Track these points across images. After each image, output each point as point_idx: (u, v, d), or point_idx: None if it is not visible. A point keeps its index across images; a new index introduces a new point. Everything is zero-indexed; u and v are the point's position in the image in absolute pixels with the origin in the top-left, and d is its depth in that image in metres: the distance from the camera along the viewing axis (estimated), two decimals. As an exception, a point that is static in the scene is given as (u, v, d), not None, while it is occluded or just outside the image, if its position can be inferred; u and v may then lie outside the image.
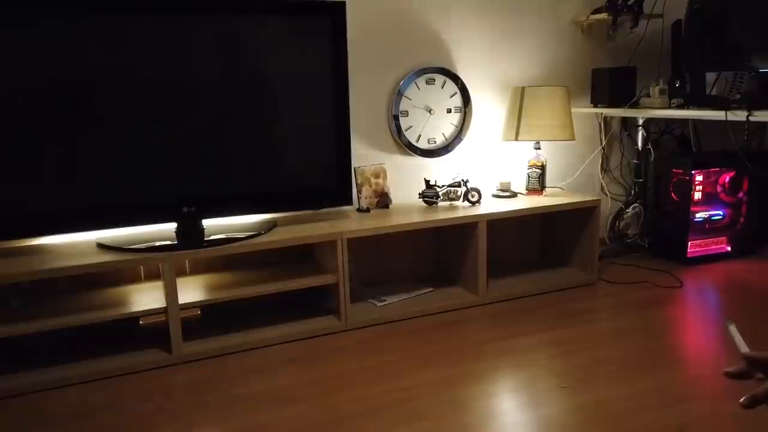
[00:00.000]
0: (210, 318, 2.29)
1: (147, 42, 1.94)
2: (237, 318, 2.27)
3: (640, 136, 3.03)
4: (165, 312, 1.97)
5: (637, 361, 1.91)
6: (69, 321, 1.87)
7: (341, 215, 2.41)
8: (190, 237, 2.07)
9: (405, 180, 2.66)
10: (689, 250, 2.86)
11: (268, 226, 2.24)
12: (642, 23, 2.80)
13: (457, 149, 2.71)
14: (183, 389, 1.83)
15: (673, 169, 2.85)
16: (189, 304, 2.02)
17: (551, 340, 2.10)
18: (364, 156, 2.57)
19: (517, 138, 2.59)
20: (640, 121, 3.00)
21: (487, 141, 2.79)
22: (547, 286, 2.59)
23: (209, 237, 2.08)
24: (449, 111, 2.66)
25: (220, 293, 2.08)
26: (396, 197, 2.62)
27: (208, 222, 2.19)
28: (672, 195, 2.88)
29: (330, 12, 2.16)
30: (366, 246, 2.57)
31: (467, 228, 2.43)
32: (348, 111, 2.25)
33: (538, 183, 2.66)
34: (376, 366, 1.95)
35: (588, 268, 2.67)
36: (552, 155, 2.92)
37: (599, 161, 3.06)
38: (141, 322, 2.25)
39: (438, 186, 2.52)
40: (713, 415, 1.59)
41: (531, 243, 2.93)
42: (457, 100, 2.67)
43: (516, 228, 2.87)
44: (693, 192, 2.80)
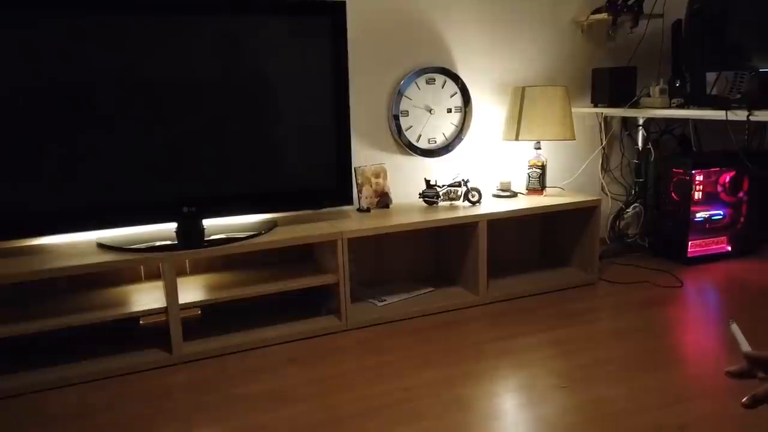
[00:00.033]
0: (210, 318, 2.29)
1: (147, 42, 1.94)
2: (237, 318, 2.27)
3: (640, 135, 3.03)
4: (165, 312, 1.97)
5: (637, 361, 1.91)
6: (69, 321, 1.87)
7: (341, 215, 2.41)
8: (190, 237, 2.07)
9: (405, 180, 2.66)
10: (689, 249, 2.86)
11: (268, 226, 2.24)
12: (642, 23, 2.80)
13: (458, 149, 2.71)
14: (183, 389, 1.83)
15: (674, 169, 2.85)
16: (189, 304, 2.02)
17: (551, 340, 2.10)
18: (364, 156, 2.57)
19: (518, 138, 2.59)
20: (640, 121, 3.00)
21: (488, 141, 2.79)
22: (548, 286, 2.59)
23: (209, 237, 2.08)
24: (449, 111, 2.66)
25: (220, 293, 2.08)
26: (396, 197, 2.63)
27: (208, 222, 2.19)
28: (672, 195, 2.88)
29: (330, 12, 2.16)
30: (366, 246, 2.57)
31: (467, 228, 2.43)
32: (348, 111, 2.25)
33: (538, 183, 2.66)
34: (376, 366, 1.95)
35: (588, 268, 2.67)
36: (552, 155, 2.92)
37: (599, 161, 3.06)
38: (141, 322, 2.26)
39: (438, 186, 2.52)
40: (713, 415, 1.59)
41: (531, 243, 2.93)
42: (458, 99, 2.67)
43: (516, 228, 2.87)
44: (693, 192, 2.80)
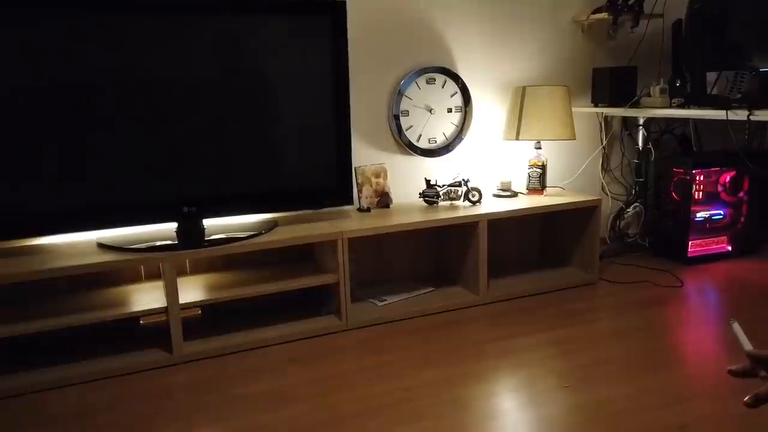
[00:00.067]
0: (210, 318, 2.29)
1: (147, 42, 1.94)
2: (237, 318, 2.27)
3: (640, 135, 3.03)
4: (165, 312, 1.97)
5: (638, 361, 1.91)
6: (69, 321, 1.87)
7: (342, 215, 2.41)
8: (190, 237, 2.07)
9: (405, 179, 2.66)
10: (690, 249, 2.85)
11: (268, 225, 2.24)
12: (642, 23, 2.80)
13: (458, 149, 2.71)
14: (183, 389, 1.83)
15: (674, 169, 2.85)
16: (189, 303, 2.02)
17: (552, 339, 2.10)
18: (364, 156, 2.57)
19: (518, 137, 2.59)
20: (640, 121, 3.00)
21: (488, 140, 2.79)
22: (548, 285, 2.58)
23: (210, 237, 2.08)
24: (450, 110, 2.66)
25: (220, 293, 2.08)
26: (396, 197, 2.62)
27: (208, 222, 2.19)
28: (673, 194, 2.88)
29: (330, 11, 2.16)
30: (366, 246, 2.57)
31: (468, 228, 2.43)
32: (348, 110, 2.25)
33: (538, 182, 2.66)
34: (376, 366, 1.95)
35: (588, 267, 2.67)
36: (553, 155, 2.92)
37: (600, 161, 3.06)
38: (141, 321, 2.26)
39: (438, 186, 2.52)
40: (714, 415, 1.59)
41: (531, 243, 2.93)
42: (458, 99, 2.66)
43: (516, 228, 2.86)
44: (694, 191, 2.80)
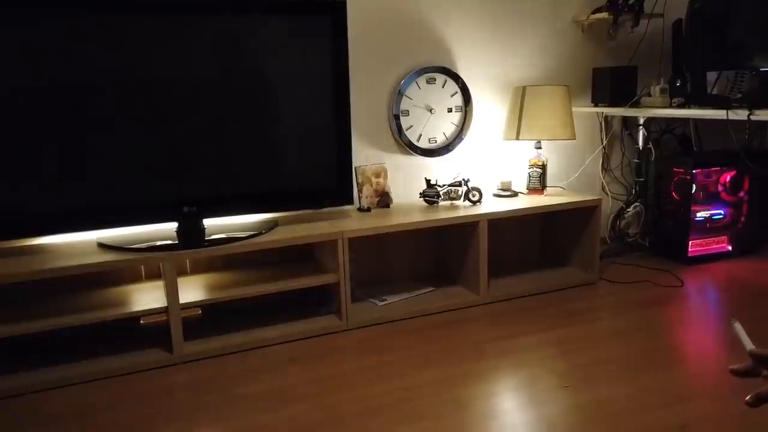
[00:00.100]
0: (211, 318, 2.29)
1: (147, 42, 1.94)
2: (238, 318, 2.27)
3: (640, 135, 3.02)
4: (166, 311, 1.97)
5: (638, 361, 1.91)
6: (70, 321, 1.87)
7: (342, 215, 2.41)
8: (190, 236, 2.07)
9: (406, 179, 2.66)
10: (690, 249, 2.85)
11: (268, 225, 2.24)
12: (643, 22, 2.80)
13: (458, 149, 2.70)
14: (184, 389, 1.83)
15: (674, 169, 2.85)
16: (190, 303, 2.02)
17: (552, 339, 2.10)
18: (364, 155, 2.57)
19: (518, 137, 2.59)
20: (641, 121, 3.00)
21: (488, 140, 2.79)
22: (548, 285, 2.58)
23: (210, 236, 2.08)
24: (450, 110, 2.66)
25: (220, 293, 2.08)
26: (397, 197, 2.62)
27: (208, 221, 2.19)
28: (673, 194, 2.88)
29: (330, 11, 2.16)
30: (367, 245, 2.57)
31: (468, 227, 2.43)
32: (349, 110, 2.25)
33: (538, 182, 2.66)
34: (376, 365, 1.95)
35: (589, 267, 2.67)
36: (553, 155, 2.92)
37: (600, 160, 3.06)
38: (142, 321, 2.26)
39: (439, 185, 2.52)
40: (714, 415, 1.59)
41: (532, 242, 2.93)
42: (458, 99, 2.66)
43: (517, 227, 2.86)
44: (694, 191, 2.80)
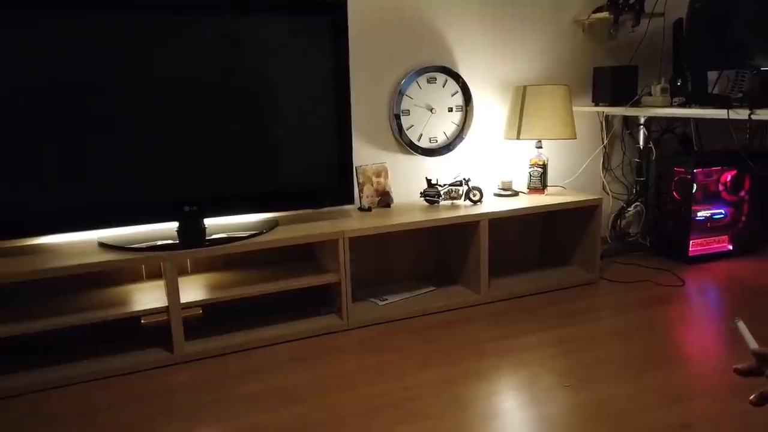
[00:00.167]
0: (211, 317, 2.29)
1: (147, 42, 1.94)
2: (238, 317, 2.27)
3: (641, 134, 3.02)
4: (167, 311, 1.97)
5: (639, 360, 1.91)
6: (71, 320, 1.88)
7: (343, 214, 2.41)
8: (191, 236, 2.07)
9: (406, 179, 2.66)
10: (691, 248, 2.85)
11: (269, 225, 2.24)
12: (643, 22, 2.79)
13: (459, 148, 2.70)
14: (184, 389, 1.83)
15: (675, 168, 2.85)
16: (190, 303, 2.02)
17: (553, 339, 2.10)
18: (365, 155, 2.57)
19: (519, 137, 2.59)
20: (641, 120, 3.00)
21: (489, 140, 2.78)
22: (549, 285, 2.58)
23: (211, 236, 2.08)
24: (450, 110, 2.66)
25: (221, 292, 2.08)
26: (397, 196, 2.62)
27: (209, 221, 2.19)
28: (673, 194, 2.87)
29: (330, 11, 2.15)
30: (367, 245, 2.57)
31: (469, 227, 2.43)
32: (349, 110, 2.25)
33: (539, 182, 2.66)
34: (377, 365, 1.95)
35: (589, 267, 2.67)
36: (553, 154, 2.92)
37: (601, 160, 3.06)
38: (143, 321, 2.26)
39: (439, 185, 2.52)
40: (716, 414, 1.59)
41: (532, 242, 2.92)
42: (459, 99, 2.66)
43: (517, 227, 2.86)
44: (694, 191, 2.80)
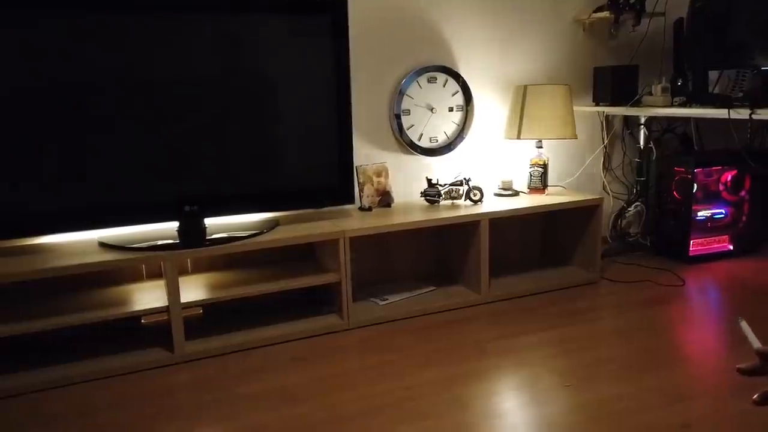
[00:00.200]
0: (212, 317, 2.29)
1: (147, 41, 1.94)
2: (239, 317, 2.27)
3: (642, 134, 3.02)
4: (167, 311, 1.97)
5: (640, 360, 1.91)
6: (71, 320, 1.87)
7: (343, 214, 2.41)
8: (191, 236, 2.07)
9: (407, 179, 2.66)
10: (691, 248, 2.85)
11: (270, 224, 2.24)
12: (644, 21, 2.79)
13: (459, 148, 2.70)
14: (185, 388, 1.83)
15: (675, 168, 2.85)
16: (191, 303, 2.02)
17: (553, 338, 2.10)
18: (365, 155, 2.57)
19: (519, 136, 2.59)
20: (642, 120, 3.00)
21: (489, 139, 2.78)
22: (549, 284, 2.58)
23: (211, 236, 2.07)
24: (451, 110, 2.66)
25: (222, 292, 2.08)
26: (398, 196, 2.62)
27: (209, 221, 2.19)
28: (674, 193, 2.87)
29: (331, 10, 2.15)
30: (368, 245, 2.57)
31: (469, 227, 2.43)
32: (350, 110, 2.24)
33: (540, 182, 2.66)
34: (378, 365, 1.95)
35: (590, 266, 2.67)
36: (554, 154, 2.92)
37: (601, 160, 3.06)
38: (143, 321, 2.26)
39: (440, 185, 2.52)
40: (716, 414, 1.59)
41: (533, 242, 2.92)
42: (459, 98, 2.66)
43: (518, 227, 2.86)
44: (695, 190, 2.79)
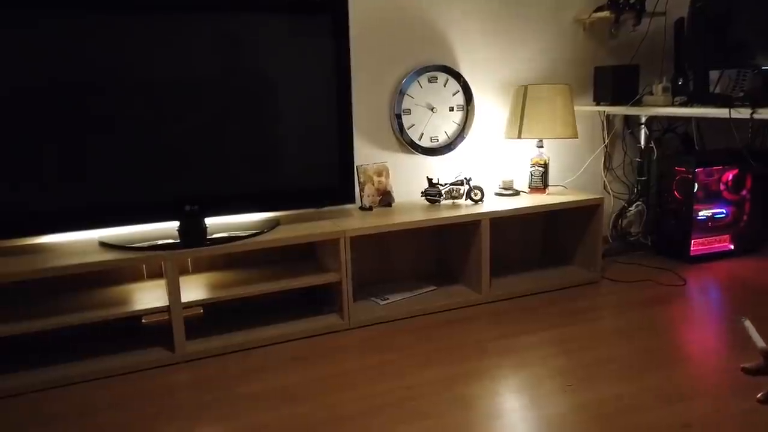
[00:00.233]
0: (212, 317, 2.29)
1: (147, 41, 1.93)
2: (239, 317, 2.27)
3: (642, 134, 3.02)
4: (168, 311, 1.97)
5: (640, 360, 1.91)
6: (71, 320, 1.87)
7: (344, 213, 2.41)
8: (192, 235, 2.07)
9: (407, 178, 2.66)
10: (692, 248, 2.85)
11: (270, 224, 2.23)
12: (644, 21, 2.79)
13: (460, 147, 2.70)
14: (186, 388, 1.83)
15: (676, 167, 2.85)
16: (192, 302, 2.02)
17: (554, 338, 2.10)
18: (366, 154, 2.57)
19: (520, 136, 2.59)
20: (642, 119, 2.99)
21: (490, 139, 2.78)
22: (550, 284, 2.58)
23: (211, 235, 2.07)
24: (452, 109, 2.66)
25: (222, 292, 2.08)
26: (398, 196, 2.62)
27: (210, 220, 2.19)
28: (675, 193, 2.87)
29: (331, 10, 2.15)
30: (369, 244, 2.57)
31: (470, 226, 2.42)
32: (350, 109, 2.24)
33: (540, 181, 2.66)
34: (378, 365, 1.95)
35: (591, 266, 2.66)
36: (555, 153, 2.92)
37: (602, 159, 3.05)
38: (144, 320, 2.26)
39: (441, 184, 2.51)
40: (717, 414, 1.59)
41: (534, 241, 2.92)
42: (460, 98, 2.66)
43: (519, 226, 2.86)
44: (696, 190, 2.79)
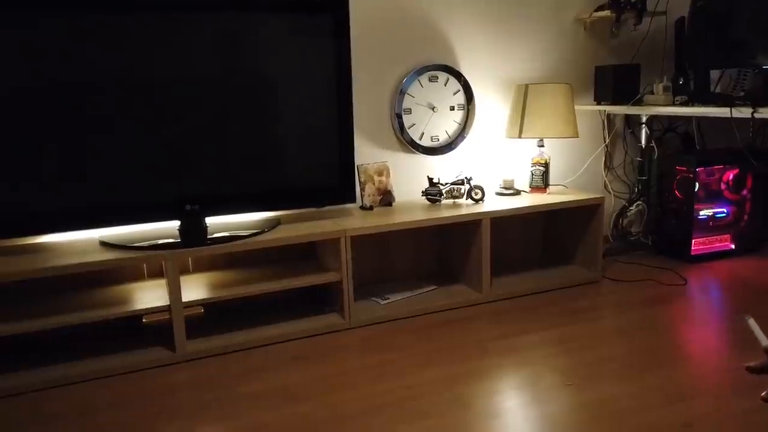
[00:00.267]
0: (213, 316, 2.29)
1: (147, 41, 1.93)
2: (240, 316, 2.27)
3: (643, 133, 3.02)
4: (168, 310, 1.97)
5: (641, 359, 1.91)
6: (72, 319, 1.87)
7: (344, 213, 2.41)
8: (193, 235, 2.07)
9: (408, 178, 2.66)
10: (693, 247, 2.85)
11: (271, 223, 2.23)
12: (645, 20, 2.79)
13: (460, 147, 2.70)
14: (186, 387, 1.83)
15: (677, 167, 2.84)
16: (192, 302, 2.02)
17: (555, 337, 2.10)
18: (367, 154, 2.57)
19: (521, 135, 2.58)
20: (643, 119, 2.99)
21: (491, 138, 2.78)
22: (551, 284, 2.58)
23: (212, 235, 2.07)
24: (452, 109, 2.66)
25: (223, 291, 2.08)
26: (399, 195, 2.62)
27: (211, 220, 2.19)
28: (676, 192, 2.87)
29: (332, 9, 2.15)
30: (369, 244, 2.57)
31: (470, 226, 2.42)
32: (351, 109, 2.24)
33: (541, 180, 2.66)
34: (379, 364, 1.94)
35: (591, 265, 2.66)
36: (555, 153, 2.91)
37: (603, 159, 3.05)
38: (144, 320, 2.26)
39: (441, 184, 2.51)
40: (718, 413, 1.59)
41: (534, 241, 2.92)
42: (460, 97, 2.66)
43: (519, 226, 2.86)
44: (697, 189, 2.79)
